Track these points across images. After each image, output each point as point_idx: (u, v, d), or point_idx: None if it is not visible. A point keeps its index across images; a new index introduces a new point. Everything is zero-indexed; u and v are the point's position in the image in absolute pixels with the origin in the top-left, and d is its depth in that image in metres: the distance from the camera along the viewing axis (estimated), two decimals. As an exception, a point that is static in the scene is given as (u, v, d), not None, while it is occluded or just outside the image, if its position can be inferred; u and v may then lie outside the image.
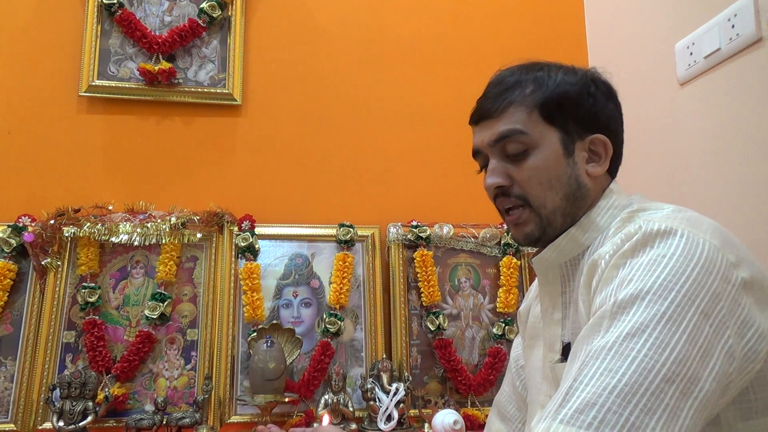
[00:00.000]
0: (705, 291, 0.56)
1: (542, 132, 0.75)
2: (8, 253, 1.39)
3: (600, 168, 0.76)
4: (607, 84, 0.80)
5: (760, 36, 1.19)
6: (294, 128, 1.68)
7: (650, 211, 0.69)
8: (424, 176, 1.72)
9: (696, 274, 0.57)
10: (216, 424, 1.36)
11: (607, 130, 0.77)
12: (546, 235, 0.77)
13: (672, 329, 0.54)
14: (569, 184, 0.75)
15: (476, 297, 1.60)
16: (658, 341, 0.53)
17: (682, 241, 0.59)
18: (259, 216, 1.57)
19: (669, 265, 0.57)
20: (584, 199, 0.76)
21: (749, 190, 1.22)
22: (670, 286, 0.56)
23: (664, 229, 0.61)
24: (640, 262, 0.59)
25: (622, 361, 0.52)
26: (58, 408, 1.25)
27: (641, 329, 0.54)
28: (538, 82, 0.77)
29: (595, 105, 0.76)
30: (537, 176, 0.75)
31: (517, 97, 0.76)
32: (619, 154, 0.80)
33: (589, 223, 0.75)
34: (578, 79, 0.77)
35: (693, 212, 0.67)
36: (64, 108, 1.57)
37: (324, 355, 1.44)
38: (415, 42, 1.79)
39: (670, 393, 0.51)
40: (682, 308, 0.55)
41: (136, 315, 1.44)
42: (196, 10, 1.64)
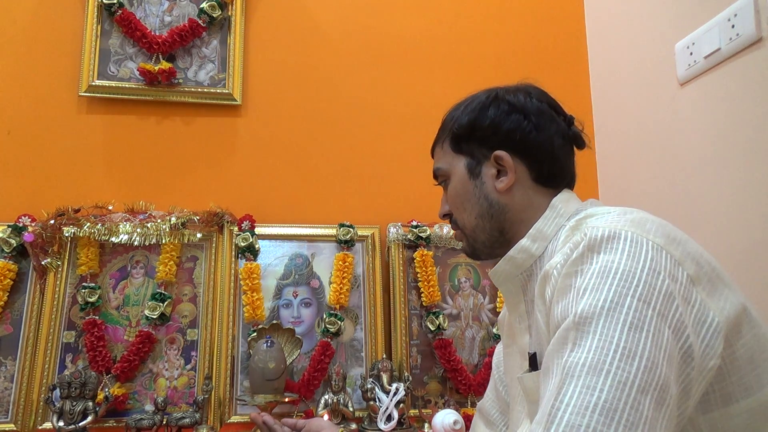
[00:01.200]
0: (657, 292, 0.57)
1: (452, 162, 0.85)
2: (8, 253, 1.39)
3: (505, 182, 0.79)
4: (510, 100, 0.82)
5: (760, 36, 1.19)
6: (294, 128, 1.68)
7: (596, 216, 0.70)
8: (424, 176, 1.70)
9: (646, 276, 0.57)
10: (216, 424, 1.36)
11: (509, 143, 0.80)
12: (477, 250, 0.85)
13: (636, 336, 0.54)
14: (479, 203, 0.81)
15: (476, 297, 1.60)
16: (626, 351, 0.53)
17: (627, 243, 0.60)
18: (259, 216, 1.57)
19: (619, 269, 0.58)
20: (502, 213, 0.80)
21: (749, 190, 1.22)
22: (624, 292, 0.56)
23: (608, 234, 0.62)
24: (591, 269, 0.60)
25: (597, 376, 0.52)
26: (58, 408, 1.25)
27: (608, 341, 0.54)
28: (447, 120, 0.87)
29: (492, 123, 0.81)
30: (453, 202, 0.85)
31: (439, 139, 0.89)
32: (543, 163, 0.80)
33: (536, 233, 0.78)
34: (476, 105, 0.83)
35: (640, 213, 0.67)
36: (64, 108, 1.57)
37: (324, 355, 1.44)
38: (415, 42, 1.79)
39: (646, 405, 0.51)
40: (641, 313, 0.55)
41: (136, 315, 1.44)
42: (196, 10, 1.64)
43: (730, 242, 1.26)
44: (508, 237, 0.81)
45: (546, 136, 0.80)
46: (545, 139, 0.80)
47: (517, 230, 0.80)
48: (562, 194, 0.80)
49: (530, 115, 0.81)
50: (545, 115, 0.81)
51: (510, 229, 0.81)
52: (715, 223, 1.31)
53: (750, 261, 1.21)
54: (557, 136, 0.81)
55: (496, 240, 0.82)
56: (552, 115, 0.82)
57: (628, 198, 1.64)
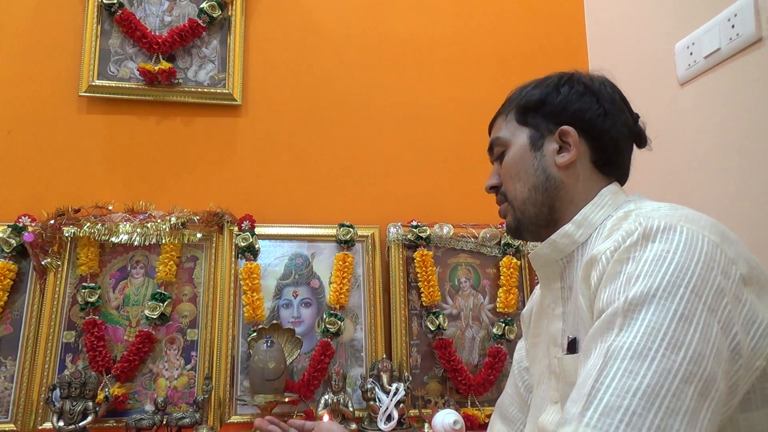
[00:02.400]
0: (709, 287, 0.57)
1: (514, 133, 0.85)
2: (8, 253, 1.39)
3: (567, 157, 0.79)
4: (585, 82, 0.83)
5: (760, 36, 1.19)
6: (294, 128, 1.68)
7: (647, 209, 0.69)
8: (424, 176, 1.72)
9: (699, 269, 0.57)
10: (216, 424, 1.36)
11: (577, 121, 0.80)
12: (522, 226, 0.84)
13: (685, 327, 0.54)
14: (536, 175, 0.81)
15: (476, 297, 1.60)
16: (673, 340, 0.53)
17: (683, 236, 0.60)
18: (259, 216, 1.57)
19: (674, 260, 0.58)
20: (556, 189, 0.80)
21: (749, 190, 1.22)
22: (677, 282, 0.56)
23: (664, 225, 0.61)
24: (645, 257, 0.60)
25: (642, 362, 0.53)
26: (58, 408, 1.25)
27: (656, 329, 0.54)
28: (516, 94, 0.87)
29: (563, 101, 0.81)
30: (508, 171, 0.84)
31: (502, 111, 0.89)
32: (606, 148, 0.81)
33: (582, 219, 0.78)
34: (550, 82, 0.84)
35: (690, 210, 0.68)
36: (64, 108, 1.57)
37: (324, 355, 1.44)
38: (415, 42, 1.79)
39: (689, 394, 0.52)
40: (692, 304, 0.55)
41: (136, 315, 1.44)
42: (196, 10, 1.64)
43: (730, 242, 1.26)
44: (555, 216, 0.81)
45: (613, 123, 0.81)
46: (612, 126, 0.81)
47: (565, 211, 0.80)
48: (612, 185, 0.81)
49: (603, 100, 0.81)
50: (616, 104, 0.82)
51: (559, 208, 0.81)
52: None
53: (750, 261, 1.21)
54: (624, 127, 0.82)
55: (544, 217, 0.81)
56: (622, 106, 0.83)
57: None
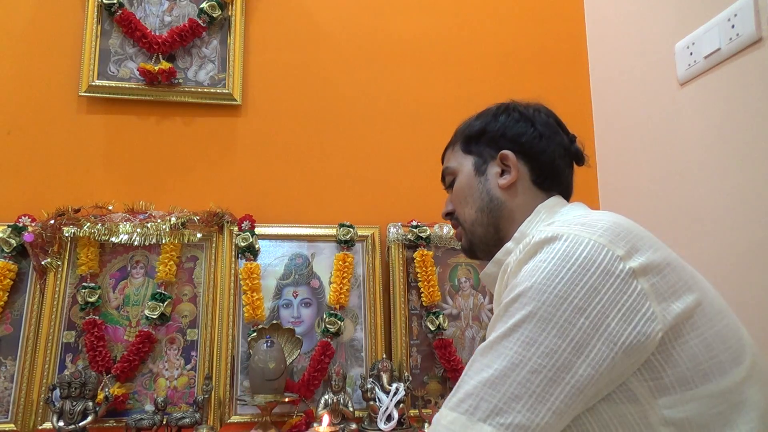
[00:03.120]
0: (579, 288, 0.63)
1: (461, 161, 0.94)
2: (8, 253, 1.39)
3: (508, 179, 0.87)
4: (520, 110, 0.92)
5: (760, 36, 1.19)
6: (294, 128, 1.68)
7: (561, 221, 0.76)
8: (424, 176, 1.72)
9: (571, 274, 0.64)
10: (216, 424, 1.36)
11: (516, 145, 0.89)
12: (474, 246, 0.93)
13: (541, 327, 0.63)
14: (481, 197, 0.90)
15: (476, 297, 1.60)
16: (528, 338, 0.63)
17: (564, 244, 0.67)
18: (259, 216, 1.57)
19: (546, 269, 0.65)
20: (499, 209, 0.88)
21: (749, 190, 1.22)
22: (542, 288, 0.64)
23: (551, 236, 0.68)
24: (526, 268, 0.68)
25: (495, 357, 0.64)
26: (58, 408, 1.25)
27: (513, 329, 0.64)
28: (461, 127, 0.97)
29: (501, 128, 0.90)
30: (457, 196, 0.93)
31: (450, 143, 0.99)
32: (543, 167, 0.88)
33: (520, 235, 0.85)
34: (489, 112, 0.94)
35: (601, 215, 0.72)
36: (64, 108, 1.57)
37: (324, 355, 1.44)
38: (416, 42, 1.79)
39: (536, 382, 0.61)
40: (553, 306, 0.63)
41: (136, 315, 1.44)
42: (196, 10, 1.64)
43: (730, 242, 1.26)
44: (501, 235, 0.89)
45: (549, 144, 0.89)
46: (547, 147, 0.89)
47: (509, 229, 0.88)
48: (550, 200, 0.87)
49: (537, 124, 0.90)
50: (551, 127, 0.91)
51: (504, 227, 0.88)
52: (714, 222, 1.31)
53: (750, 261, 1.21)
54: (559, 147, 0.90)
55: (491, 237, 0.90)
56: (557, 129, 0.92)
57: (627, 198, 1.64)
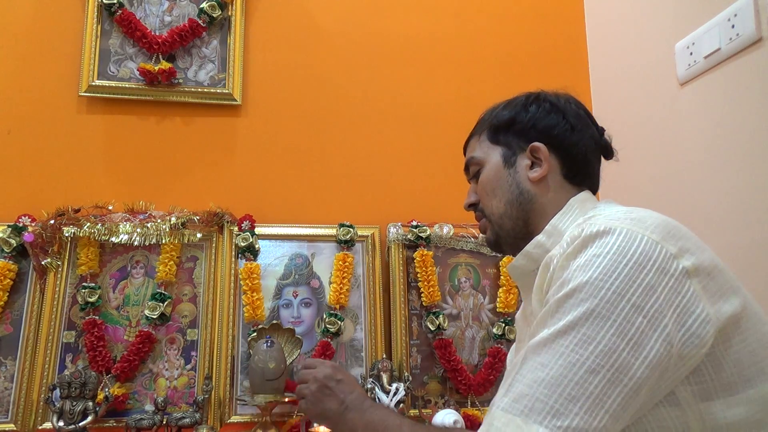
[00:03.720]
0: (637, 285, 0.61)
1: (488, 152, 0.90)
2: (8, 253, 1.39)
3: (539, 172, 0.84)
4: (551, 100, 0.88)
5: (760, 36, 1.19)
6: (294, 128, 1.68)
7: (603, 215, 0.74)
8: (424, 176, 1.72)
9: (628, 270, 0.62)
10: (216, 424, 1.36)
11: (547, 137, 0.85)
12: (501, 239, 0.89)
13: (599, 324, 0.60)
14: (510, 190, 0.86)
15: (476, 297, 1.60)
16: (585, 337, 0.60)
17: (618, 239, 0.64)
18: (259, 216, 1.57)
19: (602, 264, 0.63)
20: (529, 202, 0.85)
21: (749, 190, 1.22)
22: (599, 284, 0.62)
23: (603, 229, 0.66)
24: (578, 262, 0.65)
25: (551, 356, 0.61)
26: (58, 408, 1.25)
27: (570, 326, 0.61)
28: (487, 115, 0.93)
29: (532, 119, 0.87)
30: (484, 188, 0.89)
31: (475, 131, 0.94)
32: (575, 161, 0.86)
33: (552, 229, 0.82)
34: (518, 102, 0.90)
35: (647, 212, 0.70)
36: (64, 108, 1.57)
37: (324, 355, 1.44)
38: (415, 42, 1.79)
39: (594, 383, 0.58)
40: (611, 304, 0.61)
41: (136, 315, 1.44)
42: (196, 10, 1.64)
43: (730, 242, 1.26)
44: (530, 229, 0.85)
45: (580, 137, 0.86)
46: (579, 140, 0.86)
47: (539, 223, 0.84)
48: (582, 194, 0.85)
49: (568, 116, 0.86)
50: (582, 119, 0.88)
51: (533, 221, 0.85)
52: (715, 222, 1.31)
53: (750, 260, 1.21)
54: (590, 140, 0.87)
55: (519, 231, 0.86)
56: (587, 121, 0.88)
57: (627, 198, 1.64)
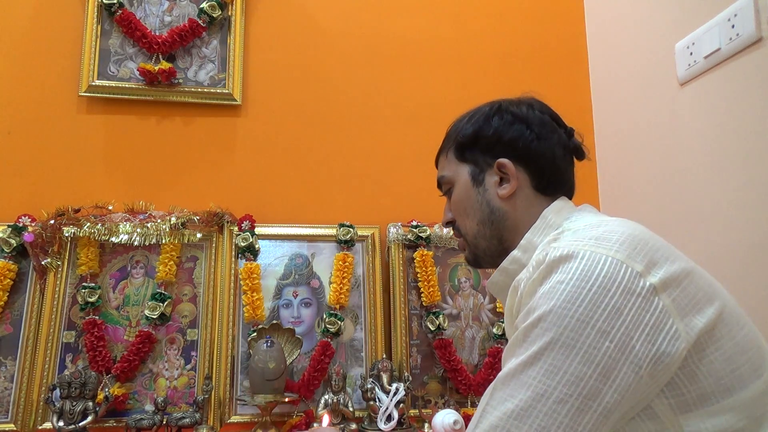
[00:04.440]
0: (602, 310, 0.60)
1: (456, 170, 0.88)
2: (8, 253, 1.39)
3: (508, 189, 0.82)
4: (513, 111, 0.85)
5: (760, 36, 1.19)
6: (294, 128, 1.68)
7: (571, 230, 0.72)
8: (424, 176, 1.71)
9: (592, 295, 0.61)
10: (216, 424, 1.36)
11: (512, 151, 0.83)
12: (479, 258, 0.88)
13: (564, 353, 0.59)
14: (481, 209, 0.84)
15: (476, 297, 1.60)
16: (552, 367, 0.60)
17: (582, 263, 0.63)
18: (259, 216, 1.57)
19: (566, 290, 0.62)
20: (502, 220, 0.83)
21: (749, 190, 1.22)
22: (563, 312, 0.61)
23: (566, 253, 0.65)
24: (542, 290, 0.64)
25: (519, 387, 0.61)
26: (58, 408, 1.25)
27: (536, 356, 0.61)
28: (452, 131, 0.90)
29: (496, 132, 0.84)
30: (456, 208, 0.88)
31: (443, 148, 0.92)
32: (543, 171, 0.83)
33: (527, 244, 0.80)
34: (480, 116, 0.87)
35: (613, 225, 0.69)
36: (64, 108, 1.57)
37: (324, 355, 1.44)
38: (416, 42, 1.79)
39: (563, 412, 0.58)
40: (576, 332, 0.60)
41: (136, 315, 1.44)
42: (196, 10, 1.64)
43: (730, 242, 1.26)
44: (505, 246, 0.84)
45: (547, 145, 0.83)
46: (547, 149, 0.83)
47: (513, 239, 0.83)
48: (556, 203, 0.83)
49: (532, 125, 0.84)
50: (547, 125, 0.84)
51: (508, 238, 0.83)
52: (715, 223, 1.31)
53: (750, 261, 1.21)
54: (558, 146, 0.84)
55: (495, 248, 0.85)
56: (553, 126, 0.85)
57: (627, 198, 1.64)
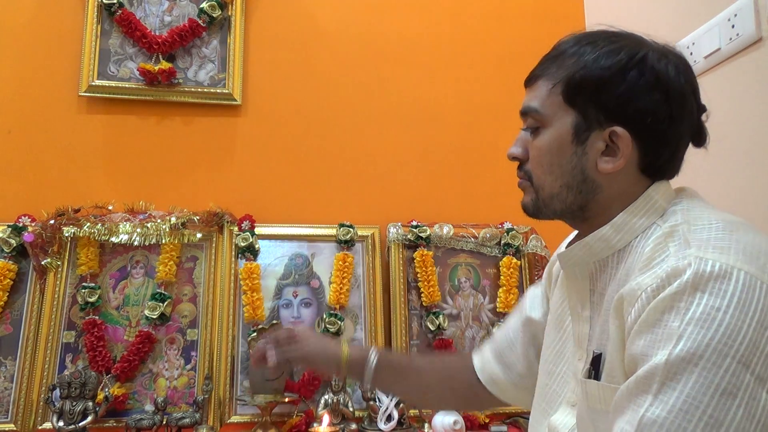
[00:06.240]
0: (760, 351, 0.51)
1: (557, 112, 0.70)
2: (8, 253, 1.39)
3: (612, 165, 0.68)
4: (658, 71, 0.67)
5: (760, 36, 1.19)
6: (294, 128, 1.68)
7: (696, 229, 0.61)
8: (424, 176, 1.72)
9: (752, 333, 0.52)
10: (216, 424, 1.36)
11: (636, 123, 0.67)
12: (540, 212, 0.75)
13: (727, 404, 0.50)
14: (572, 174, 0.70)
15: (476, 297, 1.60)
16: (712, 419, 0.50)
17: (738, 286, 0.53)
18: (259, 216, 1.57)
19: (725, 321, 0.52)
20: (591, 193, 0.70)
21: (749, 190, 1.22)
22: (725, 350, 0.51)
23: (718, 271, 0.54)
24: (692, 312, 0.53)
25: None
26: (58, 408, 1.25)
27: (694, 405, 0.51)
28: (574, 56, 0.70)
29: (627, 93, 0.67)
30: (540, 157, 0.72)
31: (549, 71, 0.72)
32: (660, 156, 0.69)
33: (622, 224, 0.68)
34: (617, 61, 0.67)
35: (748, 233, 0.60)
36: (64, 108, 1.57)
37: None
38: (415, 42, 1.79)
39: None
40: (737, 377, 0.51)
41: (136, 315, 1.44)
42: (196, 10, 1.64)
43: (730, 242, 1.26)
44: (586, 215, 0.72)
45: (677, 128, 0.69)
46: (674, 134, 0.69)
47: (600, 212, 0.71)
48: (661, 184, 0.70)
49: (672, 98, 0.68)
50: (686, 101, 0.70)
51: (593, 209, 0.71)
52: (715, 223, 1.31)
53: (750, 261, 1.21)
54: (687, 131, 0.71)
55: (571, 212, 0.73)
56: (692, 102, 0.71)
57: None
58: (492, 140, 1.74)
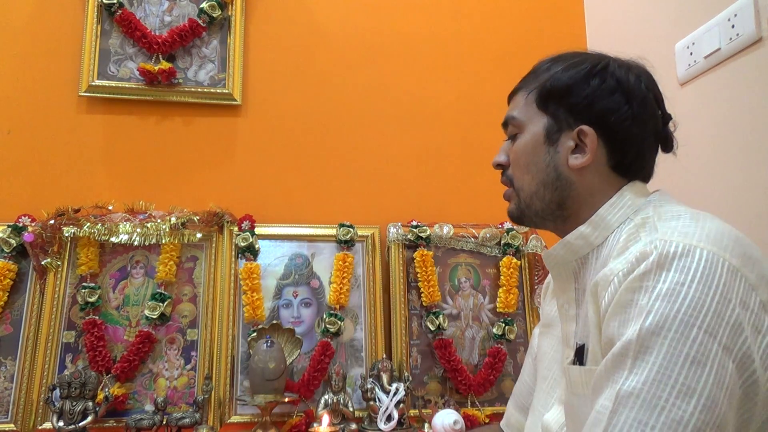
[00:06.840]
0: (725, 323, 0.54)
1: (532, 117, 0.79)
2: (8, 253, 1.39)
3: (581, 161, 0.74)
4: (619, 77, 0.76)
5: (760, 36, 1.19)
6: (294, 128, 1.68)
7: (665, 219, 0.65)
8: (424, 176, 1.72)
9: (716, 305, 0.54)
10: (216, 424, 1.36)
11: (601, 122, 0.74)
12: (525, 216, 0.81)
13: (698, 372, 0.52)
14: (546, 171, 0.77)
15: (476, 297, 1.60)
16: (684, 387, 0.52)
17: (701, 263, 0.56)
18: (259, 216, 1.57)
19: (689, 294, 0.55)
20: (567, 188, 0.76)
21: (749, 190, 1.22)
22: (691, 321, 0.53)
23: (682, 249, 0.58)
24: (659, 289, 0.56)
25: (651, 411, 0.52)
26: (58, 408, 1.25)
27: (666, 374, 0.52)
28: (547, 71, 0.80)
29: (591, 96, 0.75)
30: (518, 159, 0.80)
31: (524, 85, 0.82)
32: (626, 154, 0.75)
33: (598, 220, 0.74)
34: (581, 69, 0.76)
35: (714, 221, 0.63)
36: (64, 108, 1.57)
37: (324, 355, 1.44)
38: (415, 42, 1.79)
39: None
40: (705, 347, 0.53)
41: (136, 315, 1.44)
42: (196, 10, 1.64)
43: (730, 242, 1.26)
44: (565, 213, 0.77)
45: (640, 129, 0.75)
46: (638, 133, 0.75)
47: (577, 210, 0.76)
48: (636, 184, 0.76)
49: (633, 101, 0.75)
50: (648, 106, 0.76)
51: (570, 206, 0.77)
52: (715, 223, 1.31)
53: (750, 261, 1.21)
54: (650, 133, 0.77)
55: (551, 212, 0.78)
56: (654, 108, 0.77)
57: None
58: (492, 140, 1.73)
